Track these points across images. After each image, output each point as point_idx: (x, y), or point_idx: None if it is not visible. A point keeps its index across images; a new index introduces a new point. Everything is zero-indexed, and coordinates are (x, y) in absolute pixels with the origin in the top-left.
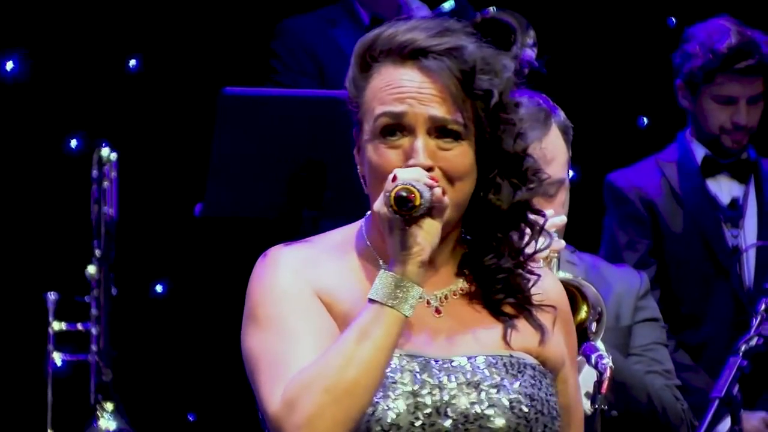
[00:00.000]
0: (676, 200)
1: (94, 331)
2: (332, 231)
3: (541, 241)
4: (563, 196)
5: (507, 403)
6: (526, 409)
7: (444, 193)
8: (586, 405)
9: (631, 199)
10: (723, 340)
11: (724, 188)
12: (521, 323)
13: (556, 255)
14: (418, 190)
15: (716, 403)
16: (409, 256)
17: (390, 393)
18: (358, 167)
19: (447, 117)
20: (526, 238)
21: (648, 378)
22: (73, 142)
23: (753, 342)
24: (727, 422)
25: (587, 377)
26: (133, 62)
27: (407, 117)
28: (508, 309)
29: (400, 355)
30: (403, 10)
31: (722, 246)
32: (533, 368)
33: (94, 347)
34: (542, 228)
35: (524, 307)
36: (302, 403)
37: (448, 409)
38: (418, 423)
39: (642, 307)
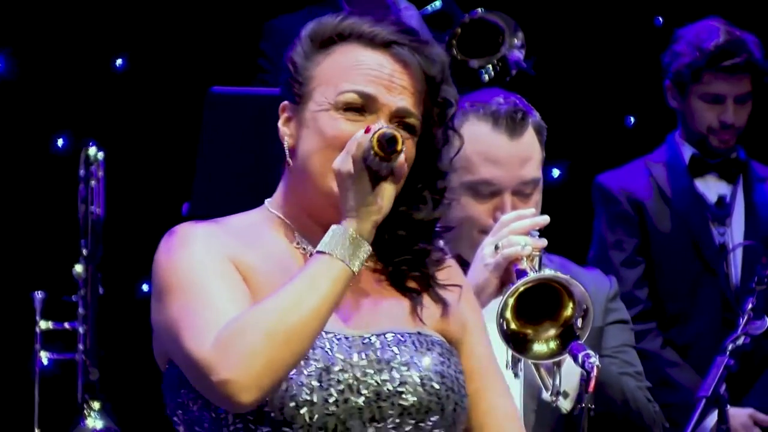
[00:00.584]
0: (664, 200)
1: (81, 330)
2: (235, 215)
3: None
4: (538, 196)
5: (418, 380)
6: (437, 386)
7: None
8: (566, 404)
9: (619, 199)
10: (710, 337)
11: (711, 188)
12: (425, 299)
13: (539, 253)
14: (401, 136)
15: (703, 402)
16: (367, 212)
17: (303, 370)
18: (287, 139)
19: (412, 110)
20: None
21: (622, 379)
22: (60, 141)
23: (740, 341)
24: (711, 418)
25: (569, 374)
26: (119, 61)
27: (376, 103)
28: (412, 284)
29: None
30: (390, 10)
31: (709, 244)
32: (441, 345)
33: (81, 346)
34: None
35: (428, 283)
36: (238, 344)
37: (361, 386)
38: (331, 399)
39: (612, 309)
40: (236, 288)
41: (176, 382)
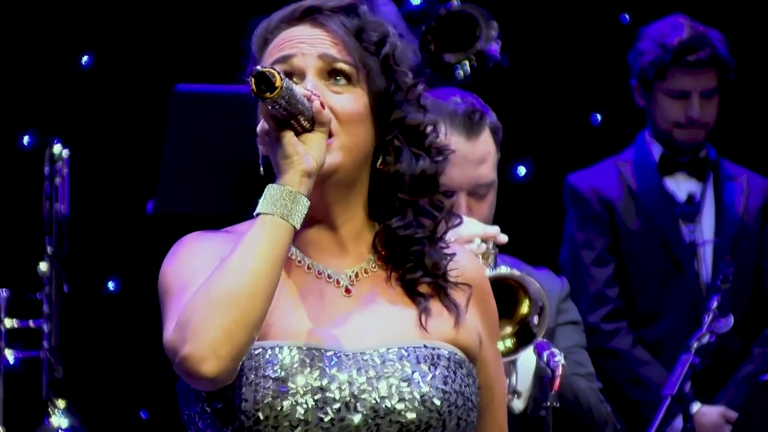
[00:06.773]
0: (633, 198)
1: (45, 328)
2: (240, 224)
3: (453, 221)
4: (492, 197)
5: (418, 396)
6: (438, 402)
7: (323, 107)
8: (519, 405)
9: (588, 198)
10: (681, 335)
11: (682, 186)
12: (436, 305)
13: (494, 252)
14: (279, 73)
15: (668, 400)
16: (290, 164)
17: (299, 389)
18: (260, 149)
19: (337, 56)
20: (437, 216)
21: (573, 380)
22: (25, 139)
23: (705, 339)
24: (681, 419)
25: (522, 374)
26: (85, 58)
27: (296, 59)
28: (423, 288)
29: (309, 349)
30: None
31: (679, 242)
32: (448, 359)
33: (45, 344)
34: (450, 209)
35: (439, 285)
36: (190, 319)
37: (358, 404)
38: (327, 418)
39: (563, 309)
40: None
41: (183, 397)
